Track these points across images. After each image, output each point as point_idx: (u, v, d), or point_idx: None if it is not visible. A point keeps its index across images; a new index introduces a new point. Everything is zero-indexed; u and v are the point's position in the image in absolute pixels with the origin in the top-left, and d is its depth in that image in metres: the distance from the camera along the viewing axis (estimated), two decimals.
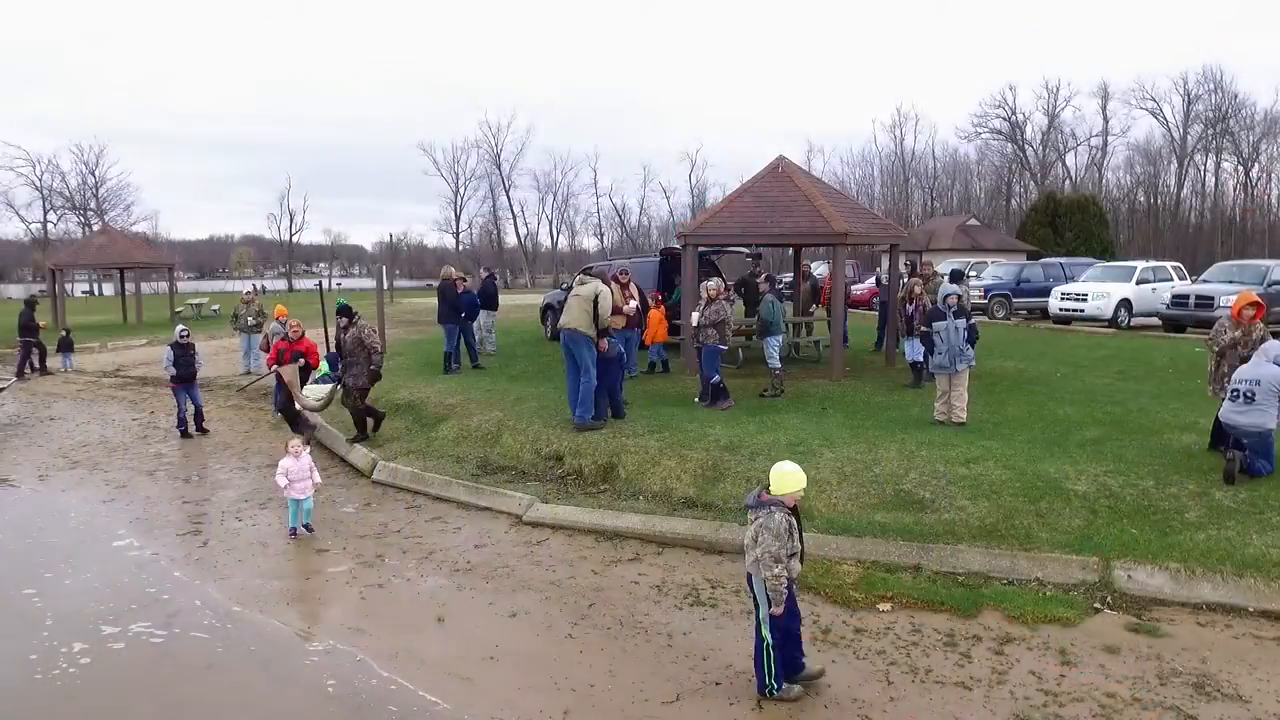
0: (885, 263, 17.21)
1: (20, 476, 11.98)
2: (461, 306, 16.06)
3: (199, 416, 14.28)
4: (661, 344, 15.08)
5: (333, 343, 17.46)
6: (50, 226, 79.06)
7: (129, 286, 37.51)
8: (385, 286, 20.24)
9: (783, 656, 5.47)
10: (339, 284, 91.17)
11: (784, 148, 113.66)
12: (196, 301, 40.19)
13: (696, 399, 12.51)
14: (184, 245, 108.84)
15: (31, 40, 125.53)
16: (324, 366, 16.12)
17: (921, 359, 12.91)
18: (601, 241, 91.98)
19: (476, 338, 18.63)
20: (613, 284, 11.80)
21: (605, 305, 10.89)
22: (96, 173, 79.70)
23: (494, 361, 17.23)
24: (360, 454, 11.67)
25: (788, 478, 5.34)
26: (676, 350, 16.18)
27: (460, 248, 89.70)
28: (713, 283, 12.38)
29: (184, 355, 14.00)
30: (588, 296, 10.81)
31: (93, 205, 78.99)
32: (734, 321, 12.59)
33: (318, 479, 9.18)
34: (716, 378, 12.02)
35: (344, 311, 12.63)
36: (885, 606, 6.84)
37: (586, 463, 10.20)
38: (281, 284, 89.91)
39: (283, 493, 9.00)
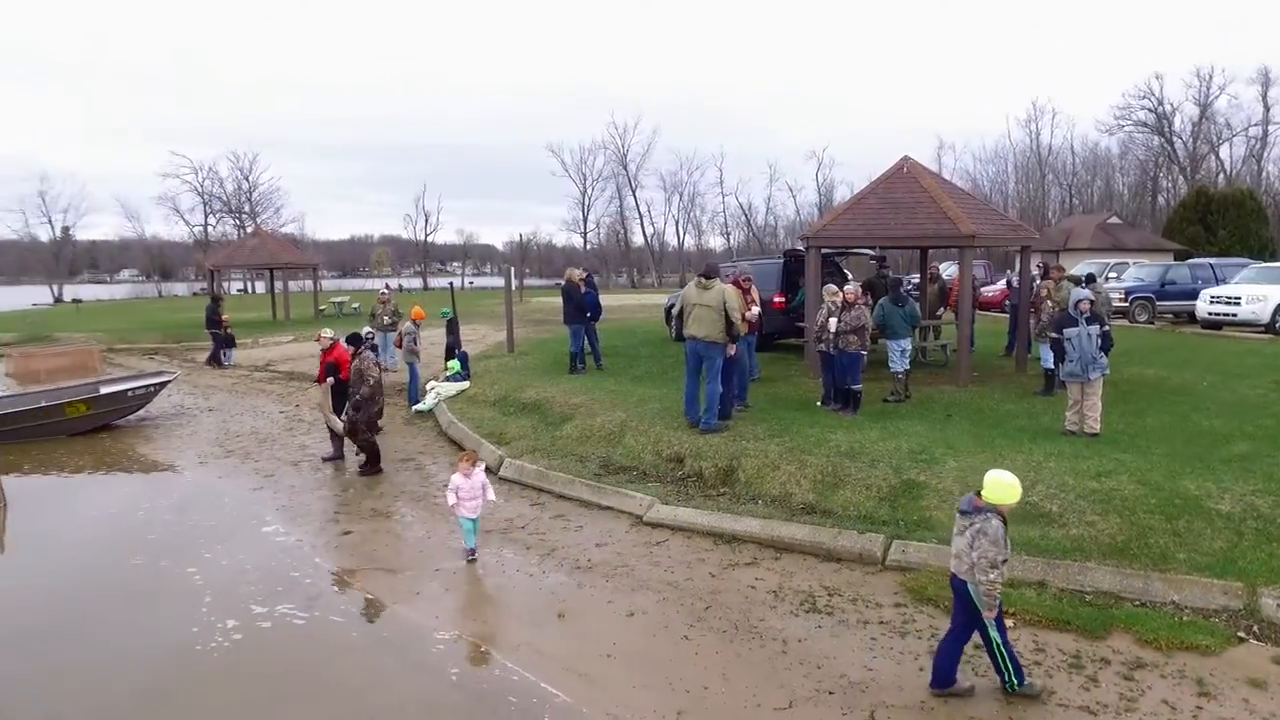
0: (1018, 264, 16.63)
1: (184, 463, 12.96)
2: (586, 307, 16.36)
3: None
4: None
5: (460, 341, 18.12)
6: (210, 229, 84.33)
7: (278, 285, 39.71)
8: (514, 286, 20.81)
9: (949, 654, 5.64)
10: (471, 283, 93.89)
11: (913, 144, 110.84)
12: (339, 300, 42.14)
13: (819, 403, 12.43)
14: (327, 245, 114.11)
15: (192, 53, 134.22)
16: (454, 364, 16.74)
17: (1053, 365, 12.47)
18: (728, 241, 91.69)
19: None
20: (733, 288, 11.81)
21: (735, 306, 10.94)
22: (250, 178, 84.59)
23: (617, 362, 17.49)
24: (489, 451, 12.07)
25: (1007, 489, 5.39)
26: (800, 353, 16.09)
27: (588, 247, 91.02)
28: (850, 287, 12.27)
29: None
30: (717, 306, 10.85)
31: (246, 209, 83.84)
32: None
33: (490, 497, 8.68)
34: (858, 385, 11.92)
35: (352, 340, 12.39)
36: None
37: (707, 465, 10.29)
38: (417, 282, 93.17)
39: (452, 510, 8.71)
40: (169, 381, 17.26)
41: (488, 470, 11.57)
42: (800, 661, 6.22)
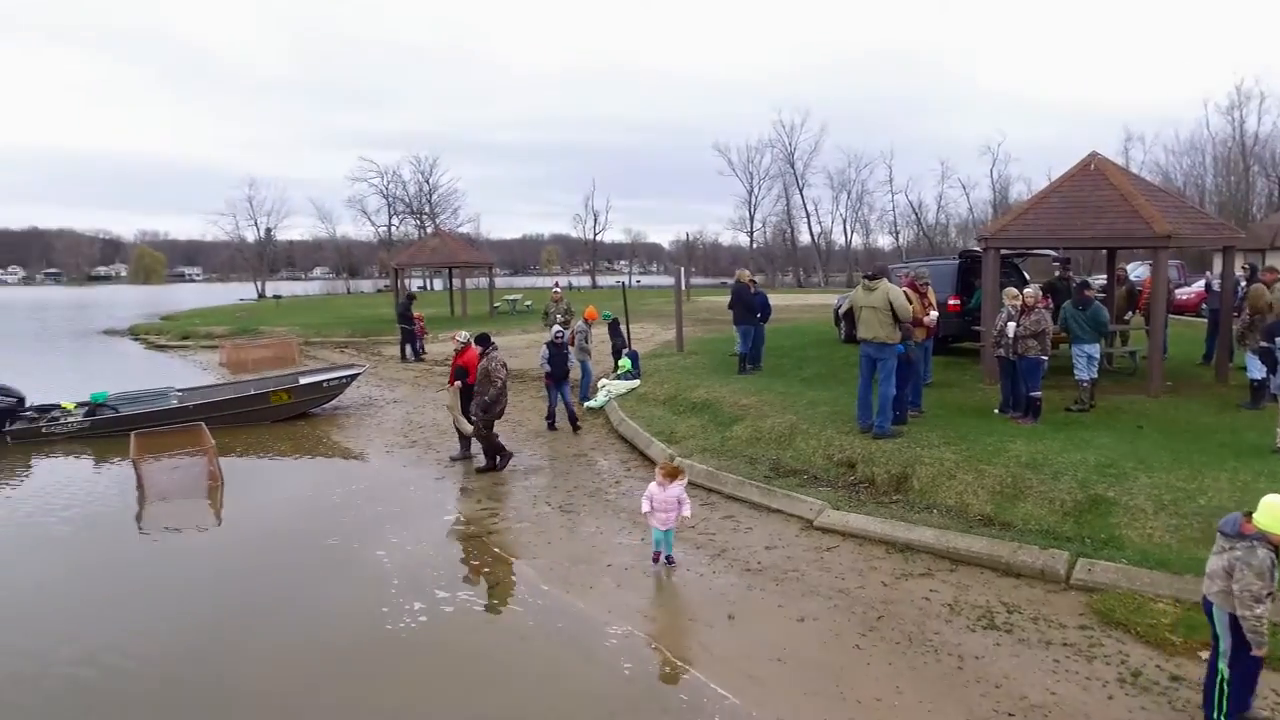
0: (1217, 265, 15.43)
1: (372, 451, 13.84)
2: (756, 308, 16.37)
3: (571, 416, 14.63)
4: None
5: (630, 339, 18.47)
6: (393, 229, 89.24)
7: (456, 282, 41.56)
8: (683, 286, 21.04)
9: (1236, 695, 5.26)
10: (638, 281, 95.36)
11: (1097, 138, 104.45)
12: (512, 297, 43.68)
13: (997, 410, 11.99)
14: (500, 244, 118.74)
15: (383, 63, 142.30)
16: (625, 363, 17.09)
17: (1262, 376, 11.55)
18: (896, 240, 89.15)
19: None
20: (909, 291, 11.56)
21: (901, 304, 10.69)
22: (430, 180, 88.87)
23: (785, 364, 17.39)
24: (659, 449, 12.27)
25: None
26: (976, 357, 15.55)
27: (753, 246, 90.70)
28: (1030, 290, 11.79)
29: (557, 354, 14.45)
30: (882, 307, 10.68)
31: (427, 210, 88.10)
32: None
33: (687, 512, 8.38)
34: (1038, 392, 11.45)
35: (481, 341, 12.59)
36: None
37: (879, 471, 10.12)
38: (585, 280, 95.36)
39: (647, 520, 8.59)
40: (359, 374, 18.43)
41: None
42: (977, 679, 6.06)
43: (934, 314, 12.15)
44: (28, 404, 15.79)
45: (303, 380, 17.56)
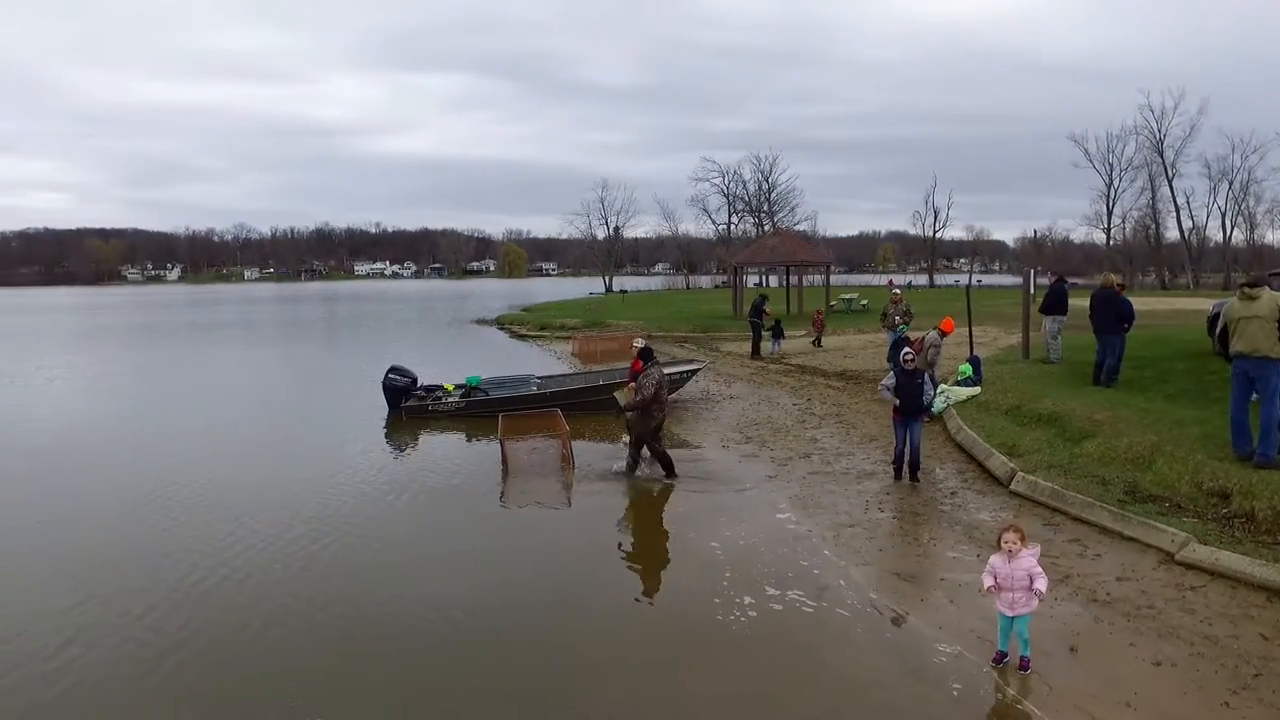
0: None
1: (708, 445, 14.45)
2: (1125, 316, 15.08)
3: (914, 462, 11.53)
4: None
5: (972, 344, 17.69)
6: (731, 227, 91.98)
7: (793, 279, 42.00)
8: (1031, 290, 19.81)
9: None
10: (979, 280, 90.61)
11: None
12: (848, 296, 43.38)
13: None
14: (835, 241, 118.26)
15: (732, 70, 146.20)
16: (965, 368, 16.41)
17: None
18: None
19: (1048, 346, 18.11)
20: None
21: None
22: (769, 179, 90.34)
23: (1147, 376, 15.81)
24: (999, 462, 11.68)
25: None
26: None
27: (1110, 243, 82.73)
28: None
29: (908, 383, 11.28)
30: (1268, 315, 9.46)
31: (765, 208, 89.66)
32: None
33: (1041, 586, 6.46)
34: None
35: (643, 354, 12.53)
36: None
37: (1261, 506, 8.92)
38: (923, 279, 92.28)
39: (995, 604, 6.69)
40: (699, 369, 19.28)
41: (997, 482, 11.24)
42: None
43: None
44: (418, 384, 18.23)
45: None
